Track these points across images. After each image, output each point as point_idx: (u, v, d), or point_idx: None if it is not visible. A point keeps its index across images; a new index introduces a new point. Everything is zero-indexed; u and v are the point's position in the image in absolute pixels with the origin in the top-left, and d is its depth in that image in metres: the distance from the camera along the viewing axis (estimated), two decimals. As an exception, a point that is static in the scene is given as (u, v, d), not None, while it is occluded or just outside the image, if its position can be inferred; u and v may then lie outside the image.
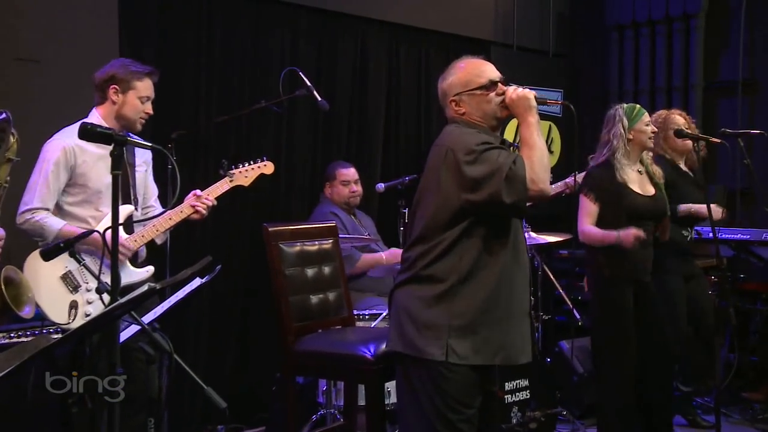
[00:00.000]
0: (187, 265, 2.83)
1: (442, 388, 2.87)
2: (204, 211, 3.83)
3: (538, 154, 2.81)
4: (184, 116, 5.11)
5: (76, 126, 3.03)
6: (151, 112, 3.80)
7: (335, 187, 5.38)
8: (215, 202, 3.89)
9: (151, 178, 4.00)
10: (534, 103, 2.92)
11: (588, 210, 4.31)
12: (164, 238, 3.98)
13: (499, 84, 2.99)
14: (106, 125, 3.58)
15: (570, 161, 7.36)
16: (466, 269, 2.86)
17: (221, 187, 3.95)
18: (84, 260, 3.23)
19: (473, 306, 2.86)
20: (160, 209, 3.90)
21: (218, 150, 5.22)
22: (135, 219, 3.75)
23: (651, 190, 4.34)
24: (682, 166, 4.92)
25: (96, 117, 3.74)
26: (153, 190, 4.02)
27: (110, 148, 2.61)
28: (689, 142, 4.68)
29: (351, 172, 5.42)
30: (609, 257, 4.24)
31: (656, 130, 4.47)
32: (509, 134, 6.55)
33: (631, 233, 4.13)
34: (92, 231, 3.34)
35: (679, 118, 4.85)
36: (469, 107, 2.98)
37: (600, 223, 4.27)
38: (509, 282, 2.90)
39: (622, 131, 4.30)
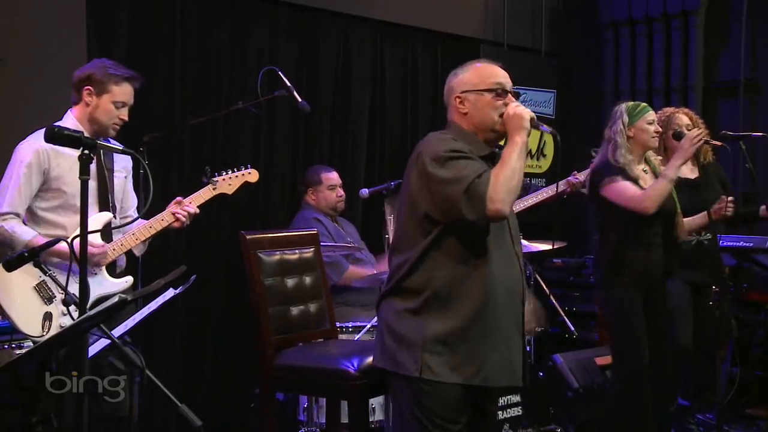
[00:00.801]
0: (160, 275, 2.81)
1: (423, 404, 2.87)
2: (185, 219, 3.82)
3: (508, 173, 2.81)
4: (156, 118, 5.09)
5: None
6: (125, 118, 3.79)
7: (321, 192, 5.38)
8: (197, 210, 3.88)
9: (130, 186, 3.98)
10: (527, 124, 2.91)
11: (628, 186, 4.21)
12: (143, 248, 3.95)
13: (509, 95, 3.02)
14: (78, 128, 3.57)
15: (561, 164, 7.38)
16: (442, 282, 2.87)
17: (204, 194, 3.94)
18: (50, 270, 3.21)
19: (451, 321, 2.86)
20: (139, 221, 3.87)
21: (193, 154, 5.22)
22: (113, 226, 3.74)
23: None
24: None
25: (70, 118, 3.73)
26: (132, 199, 3.99)
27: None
28: None
29: (336, 176, 5.45)
30: (618, 261, 4.26)
31: (660, 129, 4.46)
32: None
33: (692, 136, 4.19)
34: (58, 240, 3.31)
35: (684, 118, 4.83)
36: (473, 108, 3.00)
37: (610, 228, 4.27)
38: (495, 296, 2.88)
39: (622, 128, 4.32)
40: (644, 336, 4.26)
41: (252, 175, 4.12)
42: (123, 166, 3.90)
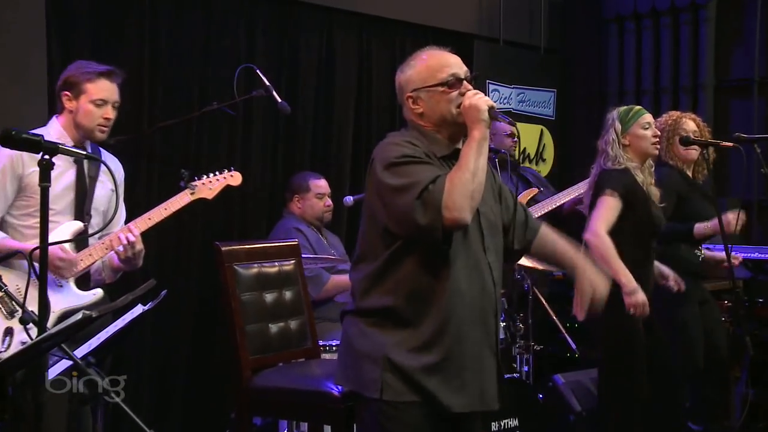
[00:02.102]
0: (127, 290, 2.81)
1: (386, 428, 2.85)
2: (121, 249, 3.68)
3: (465, 177, 2.74)
4: (123, 120, 5.07)
5: None
6: (110, 116, 3.77)
7: (308, 200, 5.37)
8: (139, 245, 3.73)
9: (121, 203, 3.91)
10: (485, 116, 2.83)
11: (610, 208, 4.18)
12: (113, 276, 3.91)
13: (465, 82, 2.94)
14: (62, 135, 3.65)
15: (563, 171, 7.41)
16: (404, 298, 2.84)
17: (181, 200, 3.91)
18: (5, 286, 3.19)
19: (412, 340, 2.84)
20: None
21: (163, 159, 5.21)
22: (82, 235, 3.71)
23: (659, 204, 4.37)
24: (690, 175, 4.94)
25: (55, 125, 3.76)
26: (120, 213, 3.94)
27: (65, 156, 2.60)
28: (694, 153, 4.72)
29: (325, 184, 5.46)
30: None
31: (659, 133, 4.45)
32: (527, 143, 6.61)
33: (641, 303, 4.09)
34: (16, 252, 3.30)
35: (690, 124, 4.83)
36: (427, 107, 2.94)
37: (616, 233, 4.19)
38: (460, 313, 2.85)
39: (615, 137, 4.30)
40: (645, 363, 4.26)
41: (235, 178, 4.10)
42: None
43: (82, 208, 3.75)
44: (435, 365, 2.83)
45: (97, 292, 3.78)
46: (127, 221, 3.84)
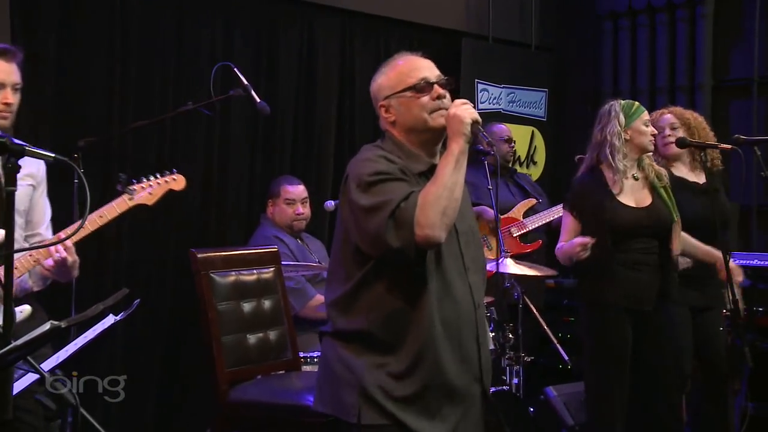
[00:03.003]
0: (97, 299, 2.80)
1: None
2: (51, 262, 3.44)
3: (439, 192, 2.73)
4: (93, 120, 5.08)
5: None
6: (10, 100, 3.47)
7: (278, 206, 5.37)
8: (73, 257, 3.50)
9: (44, 200, 3.73)
10: (467, 130, 2.81)
11: (568, 227, 4.44)
12: (41, 283, 3.79)
13: (436, 86, 2.92)
14: None
15: (555, 174, 7.43)
16: (379, 322, 2.84)
17: (118, 207, 3.69)
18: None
19: (389, 365, 2.83)
20: (49, 237, 3.74)
21: (136, 161, 5.20)
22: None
23: (646, 200, 4.40)
24: (678, 169, 4.94)
25: None
26: (44, 214, 3.74)
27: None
28: (672, 147, 4.77)
29: (298, 190, 5.43)
30: (597, 281, 4.31)
31: (656, 131, 4.53)
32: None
33: (574, 242, 4.27)
34: None
35: (667, 117, 4.91)
36: (399, 114, 2.95)
37: (589, 234, 4.34)
38: (438, 336, 2.84)
39: (619, 129, 4.36)
40: (627, 370, 4.30)
41: (177, 182, 4.00)
42: (29, 172, 3.61)
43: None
44: (412, 396, 2.83)
45: (24, 309, 3.60)
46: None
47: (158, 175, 3.89)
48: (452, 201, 2.75)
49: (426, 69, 2.96)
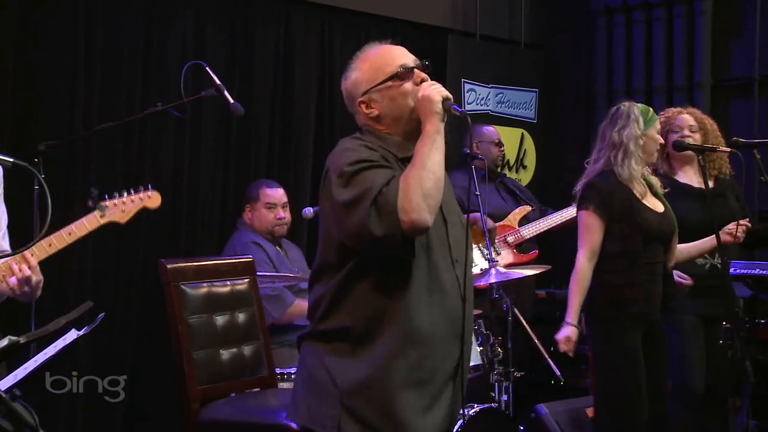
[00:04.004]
0: (59, 313, 2.78)
1: None
2: (14, 285, 3.40)
3: (418, 174, 2.75)
4: (55, 123, 5.06)
5: None
6: None
7: (257, 210, 5.36)
8: (38, 277, 3.47)
9: (1, 206, 3.67)
10: (438, 108, 2.84)
11: (591, 228, 4.36)
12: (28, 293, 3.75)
13: (416, 70, 2.95)
14: None
15: (546, 179, 7.44)
16: (362, 321, 2.84)
17: (89, 223, 3.71)
18: None
19: (368, 368, 2.83)
20: (6, 247, 3.71)
21: (101, 167, 5.18)
22: None
23: (659, 206, 4.42)
24: (683, 175, 4.95)
25: None
26: (0, 222, 3.72)
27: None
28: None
29: (279, 194, 5.42)
30: (608, 294, 4.32)
31: (663, 141, 4.55)
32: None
33: (563, 338, 4.38)
34: None
35: (687, 118, 4.90)
36: (383, 107, 2.95)
37: (608, 244, 4.33)
38: (420, 336, 2.84)
39: (638, 133, 4.37)
40: (645, 385, 4.30)
41: (153, 200, 3.99)
42: None
43: None
44: (392, 400, 2.81)
45: None
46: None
47: (132, 192, 3.89)
48: (435, 182, 2.76)
49: (402, 56, 2.99)
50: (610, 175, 4.38)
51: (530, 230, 6.00)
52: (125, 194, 3.85)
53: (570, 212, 5.74)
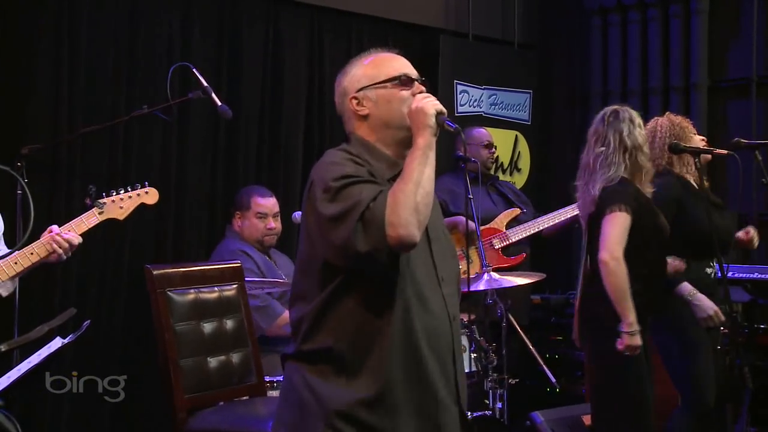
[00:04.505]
0: (42, 320, 2.79)
1: None
2: (62, 252, 3.71)
3: (407, 188, 2.72)
4: (38, 126, 5.05)
5: None
6: None
7: (248, 219, 5.35)
8: (79, 239, 3.79)
9: None
10: (431, 122, 2.82)
11: (624, 225, 4.28)
12: (11, 287, 3.86)
13: (417, 84, 2.95)
14: None
15: (541, 182, 7.45)
16: (347, 339, 2.81)
17: (87, 220, 3.85)
18: None
19: (357, 390, 2.80)
20: (2, 248, 3.78)
21: (85, 171, 5.17)
22: None
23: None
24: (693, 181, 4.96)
25: None
26: None
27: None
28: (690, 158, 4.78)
29: (271, 203, 5.42)
30: (654, 298, 4.36)
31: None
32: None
33: (635, 347, 4.20)
34: None
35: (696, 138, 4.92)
36: (375, 107, 2.95)
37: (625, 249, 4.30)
38: (412, 359, 2.82)
39: (642, 140, 4.41)
40: (644, 398, 4.31)
41: (150, 196, 4.05)
42: None
43: None
44: (384, 423, 2.80)
45: None
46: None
47: (129, 188, 3.93)
48: (424, 197, 2.74)
49: (407, 66, 2.99)
50: (628, 182, 4.39)
51: (517, 233, 6.01)
52: (122, 191, 3.90)
53: (559, 215, 5.78)
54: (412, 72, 2.97)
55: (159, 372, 3.78)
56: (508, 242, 6.01)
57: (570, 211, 5.71)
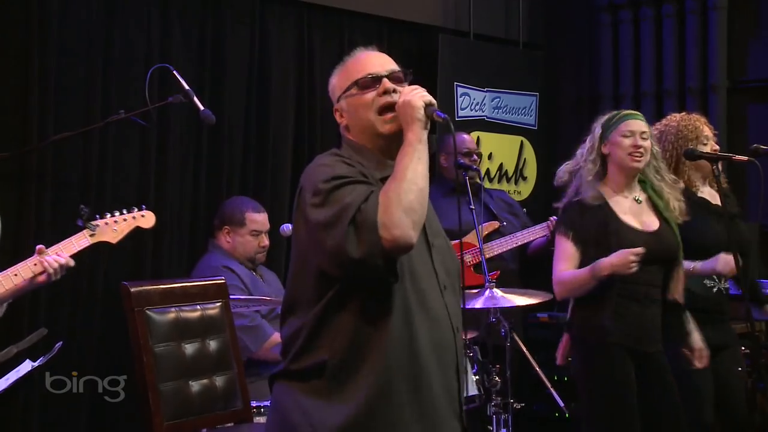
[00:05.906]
0: (12, 341, 2.79)
1: None
2: (53, 272, 3.68)
3: (399, 186, 2.73)
4: (7, 132, 5.05)
5: None
6: None
7: (241, 236, 5.35)
8: (70, 262, 3.77)
9: None
10: (420, 115, 2.83)
11: (565, 253, 4.42)
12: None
13: (384, 80, 2.94)
14: None
15: (548, 191, 7.45)
16: (341, 357, 2.81)
17: (78, 242, 3.83)
18: None
19: (360, 405, 2.80)
20: None
21: (57, 181, 5.17)
22: None
23: (654, 224, 4.42)
24: (702, 190, 4.95)
25: None
26: None
27: None
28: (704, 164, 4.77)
29: (264, 219, 5.45)
30: (598, 317, 4.33)
31: (639, 144, 4.48)
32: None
33: (624, 252, 4.20)
34: None
35: (706, 129, 4.89)
36: (348, 116, 2.99)
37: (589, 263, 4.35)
38: (414, 372, 2.83)
39: (594, 144, 4.43)
40: (637, 419, 4.31)
41: (147, 219, 4.07)
42: None
43: None
44: None
45: None
46: (8, 256, 3.79)
47: (125, 211, 3.95)
48: (418, 194, 2.74)
49: (376, 64, 2.99)
50: (582, 196, 4.44)
51: (493, 248, 5.99)
52: (116, 213, 3.92)
53: (537, 230, 5.82)
54: (379, 69, 2.96)
55: (136, 397, 3.78)
56: (479, 259, 5.99)
57: (544, 230, 5.80)
